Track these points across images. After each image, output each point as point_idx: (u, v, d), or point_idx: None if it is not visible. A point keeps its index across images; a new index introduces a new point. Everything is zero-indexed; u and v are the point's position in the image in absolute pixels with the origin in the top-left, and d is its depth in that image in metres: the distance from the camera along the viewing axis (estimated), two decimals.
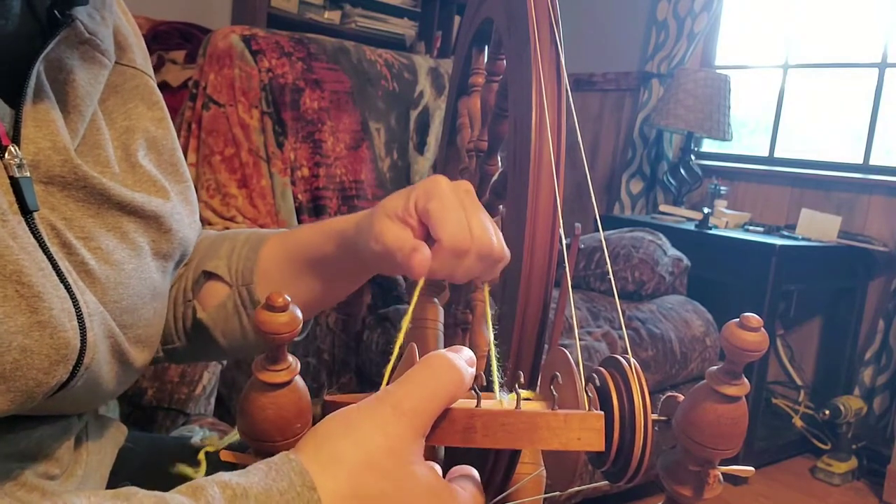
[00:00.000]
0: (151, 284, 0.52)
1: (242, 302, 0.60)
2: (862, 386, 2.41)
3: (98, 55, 0.51)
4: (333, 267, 0.58)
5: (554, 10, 0.45)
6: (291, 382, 0.38)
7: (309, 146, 1.93)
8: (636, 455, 0.38)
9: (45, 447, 0.49)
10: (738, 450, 0.39)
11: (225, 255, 0.61)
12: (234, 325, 0.61)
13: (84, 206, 0.47)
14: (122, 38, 0.56)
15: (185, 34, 2.87)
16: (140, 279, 0.50)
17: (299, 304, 0.57)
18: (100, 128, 0.51)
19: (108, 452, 0.59)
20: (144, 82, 0.57)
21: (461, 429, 0.36)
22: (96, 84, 0.50)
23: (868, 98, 2.65)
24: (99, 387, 0.49)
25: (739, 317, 0.37)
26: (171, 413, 1.02)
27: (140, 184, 0.52)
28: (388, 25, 3.49)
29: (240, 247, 0.62)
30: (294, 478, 0.33)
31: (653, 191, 3.15)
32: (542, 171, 0.42)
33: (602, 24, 3.38)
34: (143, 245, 0.51)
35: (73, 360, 0.44)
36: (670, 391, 0.44)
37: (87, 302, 0.45)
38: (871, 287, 2.53)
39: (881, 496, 2.19)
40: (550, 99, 0.43)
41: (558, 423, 0.36)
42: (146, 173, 0.53)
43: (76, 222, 0.46)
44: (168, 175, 0.56)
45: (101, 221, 0.48)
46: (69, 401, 0.47)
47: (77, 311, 0.44)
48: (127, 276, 0.49)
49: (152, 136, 0.55)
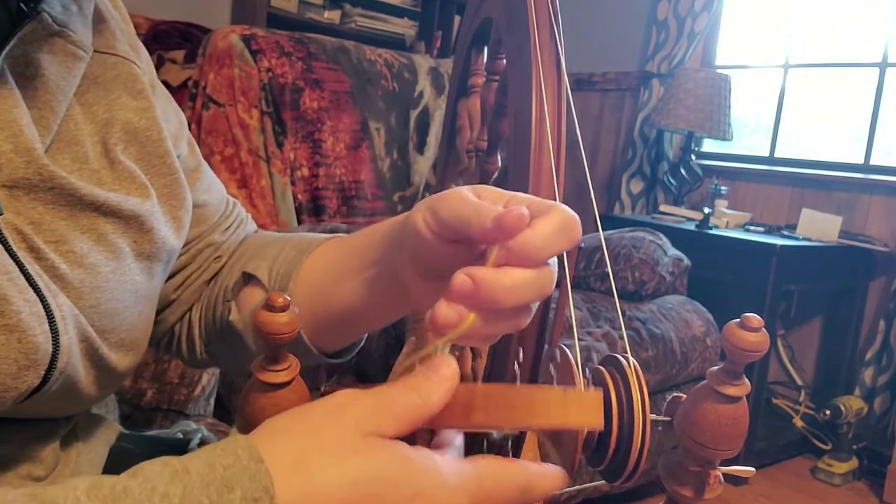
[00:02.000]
0: (133, 287, 0.50)
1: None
2: (862, 386, 2.41)
3: (71, 47, 0.48)
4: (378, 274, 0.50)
5: (554, 10, 0.44)
6: (291, 383, 0.38)
7: (309, 146, 1.93)
8: (634, 454, 0.38)
9: (28, 449, 0.48)
10: (739, 450, 0.39)
11: (270, 257, 0.58)
12: None
13: (55, 208, 0.45)
14: (103, 26, 0.53)
15: (184, 34, 2.87)
16: (119, 282, 0.48)
17: (335, 313, 0.53)
18: (77, 122, 0.49)
19: (100, 451, 0.58)
20: (128, 70, 0.53)
21: (461, 406, 0.36)
22: (70, 78, 0.48)
23: (868, 98, 2.65)
24: (78, 391, 0.47)
25: (740, 317, 0.37)
26: (170, 414, 1.02)
27: (119, 181, 0.50)
28: (388, 25, 3.49)
29: (288, 250, 0.58)
30: (240, 452, 0.32)
31: (653, 191, 3.15)
32: (542, 171, 0.42)
33: (602, 24, 3.38)
34: (123, 247, 0.49)
35: (45, 364, 0.42)
36: (671, 391, 0.44)
37: (61, 305, 0.44)
38: (871, 287, 2.53)
39: (882, 496, 2.19)
40: (550, 96, 0.42)
41: (556, 397, 0.36)
42: (126, 169, 0.50)
43: (46, 226, 0.44)
44: (152, 168, 0.53)
45: (74, 224, 0.46)
46: (48, 405, 0.46)
47: (49, 315, 0.42)
48: (104, 279, 0.47)
49: (134, 127, 0.52)
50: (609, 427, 0.39)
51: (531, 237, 0.34)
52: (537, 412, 0.36)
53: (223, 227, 0.63)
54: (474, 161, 0.63)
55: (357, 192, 2.03)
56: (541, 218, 0.35)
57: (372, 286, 0.50)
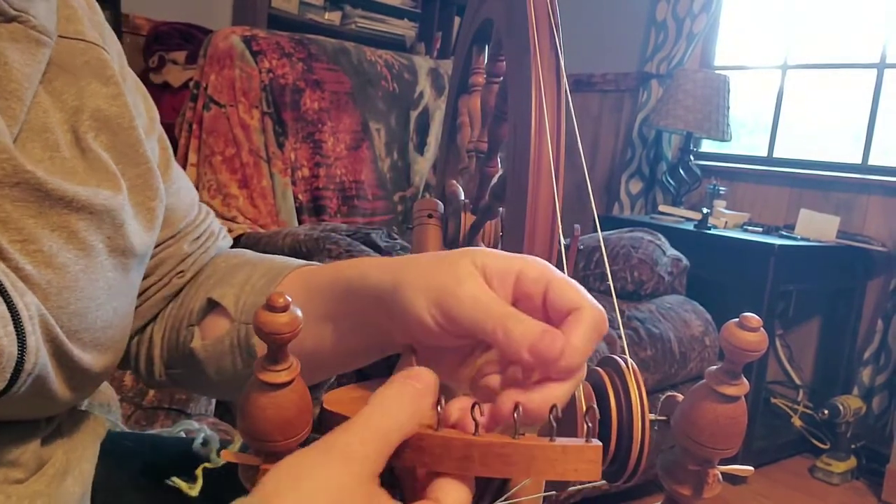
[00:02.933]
0: (106, 284, 0.47)
1: (239, 342, 0.53)
2: (861, 385, 2.42)
3: (33, 33, 0.46)
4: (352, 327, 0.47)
5: (554, 14, 0.45)
6: (292, 383, 0.39)
7: (309, 146, 1.93)
8: (634, 455, 0.38)
9: (4, 452, 0.47)
10: (738, 449, 0.39)
11: (238, 284, 0.55)
12: (226, 364, 0.54)
13: (23, 205, 0.43)
14: (70, 12, 0.51)
15: (185, 35, 2.87)
16: (90, 280, 0.46)
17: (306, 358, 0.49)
18: (46, 110, 0.46)
19: (89, 447, 0.56)
20: (97, 56, 0.51)
21: (458, 457, 0.36)
22: (35, 64, 0.46)
23: (867, 98, 2.66)
24: (50, 393, 0.45)
25: (738, 317, 0.37)
26: (172, 413, 1.02)
27: (91, 171, 0.47)
28: (389, 26, 3.49)
29: (256, 278, 0.55)
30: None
31: (652, 191, 3.16)
32: (542, 178, 0.42)
33: (601, 25, 3.38)
34: (96, 244, 0.47)
35: (11, 367, 0.41)
36: (669, 391, 0.44)
37: (28, 304, 0.42)
38: (869, 287, 2.54)
39: (880, 496, 2.19)
40: (550, 106, 0.43)
41: (556, 455, 0.36)
42: (97, 158, 0.48)
43: (12, 224, 0.42)
44: (123, 157, 0.51)
45: (44, 221, 0.44)
46: (19, 407, 0.44)
47: (14, 316, 0.41)
48: (73, 279, 0.45)
49: (105, 114, 0.50)
50: (609, 429, 0.39)
51: (571, 357, 0.33)
52: (535, 468, 0.36)
53: (192, 237, 0.60)
54: (475, 162, 0.63)
55: (357, 192, 2.03)
56: (572, 327, 0.34)
57: (343, 337, 0.47)
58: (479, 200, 0.61)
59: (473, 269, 0.37)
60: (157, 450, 0.66)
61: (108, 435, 0.61)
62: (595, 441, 0.36)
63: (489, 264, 0.37)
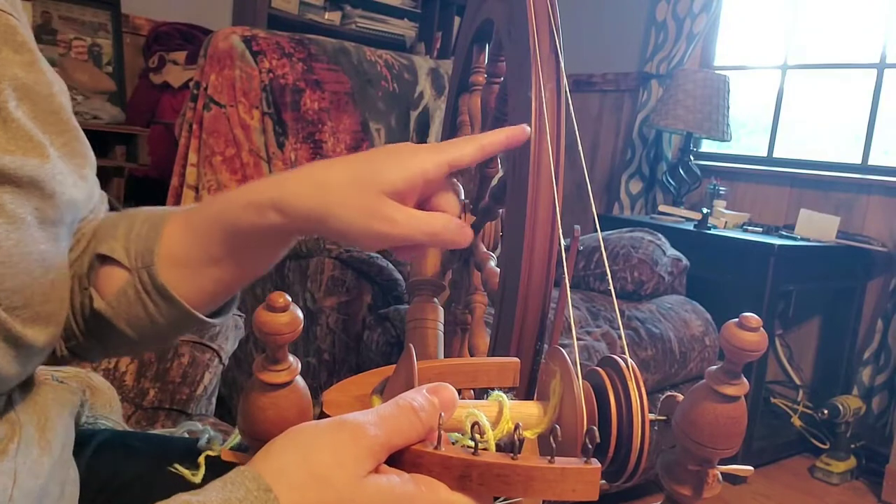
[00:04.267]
0: (40, 257, 0.46)
1: (144, 287, 0.54)
2: (860, 385, 2.42)
3: None
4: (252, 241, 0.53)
5: (554, 14, 0.45)
6: (292, 383, 0.39)
7: (309, 147, 1.93)
8: (634, 455, 0.38)
9: None
10: (737, 449, 0.39)
11: (122, 236, 0.55)
12: (138, 312, 0.54)
13: None
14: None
15: (186, 35, 2.87)
16: (23, 255, 0.45)
17: (214, 285, 0.55)
18: None
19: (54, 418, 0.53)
20: (5, 22, 0.48)
21: (457, 475, 0.36)
22: None
23: (866, 98, 2.66)
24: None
25: (738, 317, 0.37)
26: (172, 413, 1.03)
27: (14, 140, 0.45)
28: (389, 26, 3.49)
29: (139, 226, 0.56)
30: (249, 484, 0.34)
31: (652, 191, 3.16)
32: (542, 181, 0.42)
33: (601, 25, 3.38)
34: (25, 216, 0.45)
35: None
36: (669, 391, 0.44)
37: None
38: (869, 287, 2.54)
39: (880, 495, 2.19)
40: (550, 107, 0.43)
41: (555, 476, 0.36)
42: (21, 128, 0.46)
43: None
44: (48, 126, 0.49)
45: None
46: None
47: None
48: (6, 254, 0.43)
49: (23, 82, 0.47)
50: (609, 429, 0.39)
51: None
52: (533, 489, 0.36)
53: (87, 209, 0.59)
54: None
55: None
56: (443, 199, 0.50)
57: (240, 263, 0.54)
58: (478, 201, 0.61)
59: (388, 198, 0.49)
60: (164, 448, 0.67)
61: (116, 433, 0.61)
62: (594, 462, 0.35)
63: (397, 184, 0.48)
